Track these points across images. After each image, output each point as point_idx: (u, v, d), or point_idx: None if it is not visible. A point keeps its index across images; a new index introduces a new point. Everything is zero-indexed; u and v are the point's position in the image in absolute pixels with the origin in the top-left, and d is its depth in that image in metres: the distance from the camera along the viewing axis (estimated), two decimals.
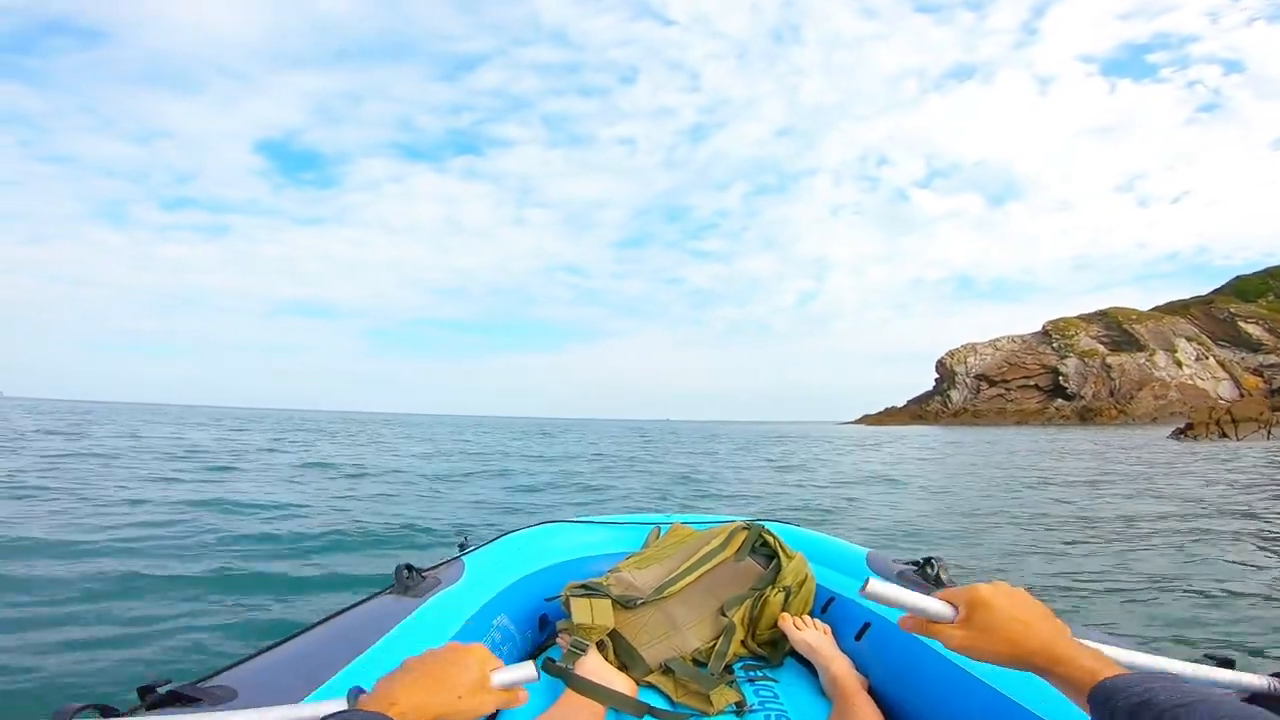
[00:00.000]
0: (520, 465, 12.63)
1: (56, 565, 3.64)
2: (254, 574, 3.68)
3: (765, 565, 1.64)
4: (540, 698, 1.25)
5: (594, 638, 1.39)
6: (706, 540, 1.70)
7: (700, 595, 1.58)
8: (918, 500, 8.29)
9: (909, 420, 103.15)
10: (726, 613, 1.54)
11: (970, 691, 1.05)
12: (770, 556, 1.66)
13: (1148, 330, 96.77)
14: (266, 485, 7.84)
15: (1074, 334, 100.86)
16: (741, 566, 1.63)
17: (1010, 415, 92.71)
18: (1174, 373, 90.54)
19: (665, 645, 1.46)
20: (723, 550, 1.65)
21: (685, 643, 1.48)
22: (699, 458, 16.64)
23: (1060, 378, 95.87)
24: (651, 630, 1.48)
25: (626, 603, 1.50)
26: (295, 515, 5.66)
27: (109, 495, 6.35)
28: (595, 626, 1.40)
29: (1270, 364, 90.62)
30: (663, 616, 1.52)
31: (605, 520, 2.09)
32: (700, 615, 1.55)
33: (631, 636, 1.45)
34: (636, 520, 2.07)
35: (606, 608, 1.45)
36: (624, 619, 1.47)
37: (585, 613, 1.43)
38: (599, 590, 1.51)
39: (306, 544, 4.48)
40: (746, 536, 1.69)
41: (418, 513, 6.19)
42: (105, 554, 3.95)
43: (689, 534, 1.79)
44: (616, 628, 1.44)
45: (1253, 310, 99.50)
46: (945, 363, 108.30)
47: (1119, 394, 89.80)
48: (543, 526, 1.99)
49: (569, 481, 9.99)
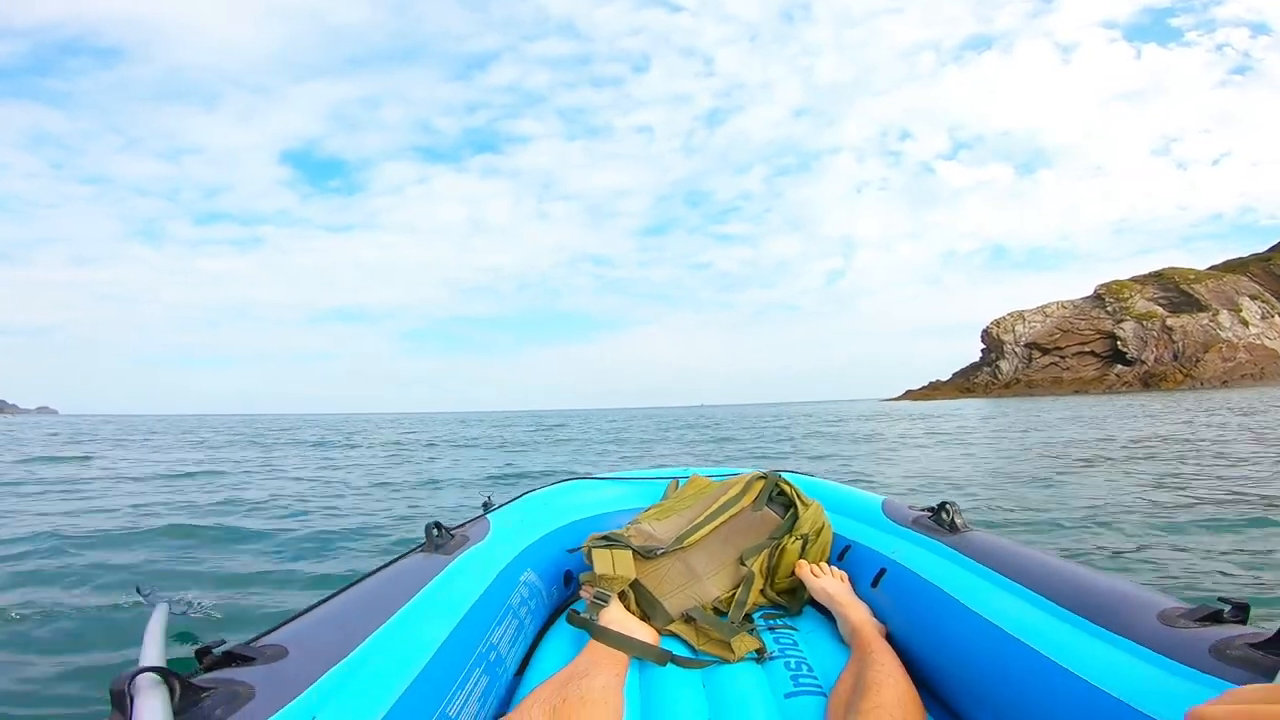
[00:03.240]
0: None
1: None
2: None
3: (782, 514, 1.65)
4: (566, 650, 1.28)
5: (616, 588, 1.41)
6: (724, 490, 1.71)
7: (719, 545, 1.60)
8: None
9: (956, 394, 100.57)
10: (745, 561, 1.55)
11: (986, 635, 1.05)
12: (787, 505, 1.67)
13: (1208, 290, 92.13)
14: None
15: (1129, 297, 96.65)
16: (759, 515, 1.65)
17: (1067, 384, 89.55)
18: (1240, 333, 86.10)
19: (686, 595, 1.48)
20: (740, 499, 1.67)
21: (705, 592, 1.49)
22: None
23: (1118, 342, 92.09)
24: (672, 580, 1.50)
25: (647, 553, 1.51)
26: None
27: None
28: (617, 577, 1.42)
29: None
30: (683, 566, 1.53)
31: (625, 476, 2.12)
32: (719, 564, 1.56)
33: (653, 586, 1.47)
34: (655, 475, 2.10)
35: (628, 558, 1.47)
36: (645, 569, 1.49)
37: (607, 564, 1.44)
38: (620, 541, 1.53)
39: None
40: (764, 486, 1.70)
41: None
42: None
43: (706, 484, 1.80)
44: (638, 578, 1.46)
45: None
46: (992, 332, 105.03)
47: (1183, 357, 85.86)
48: (564, 484, 2.03)
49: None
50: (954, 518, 1.38)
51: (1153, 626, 0.81)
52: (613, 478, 2.10)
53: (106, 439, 19.17)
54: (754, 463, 11.38)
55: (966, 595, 1.15)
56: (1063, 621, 0.94)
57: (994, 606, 1.08)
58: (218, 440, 17.78)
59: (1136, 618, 0.84)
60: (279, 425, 36.88)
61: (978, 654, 1.05)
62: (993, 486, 6.03)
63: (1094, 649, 0.86)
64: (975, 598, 1.13)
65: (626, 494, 2.01)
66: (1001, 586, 1.11)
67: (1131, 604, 0.88)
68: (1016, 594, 1.07)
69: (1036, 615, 0.99)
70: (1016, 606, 1.04)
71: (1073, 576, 1.02)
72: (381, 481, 7.59)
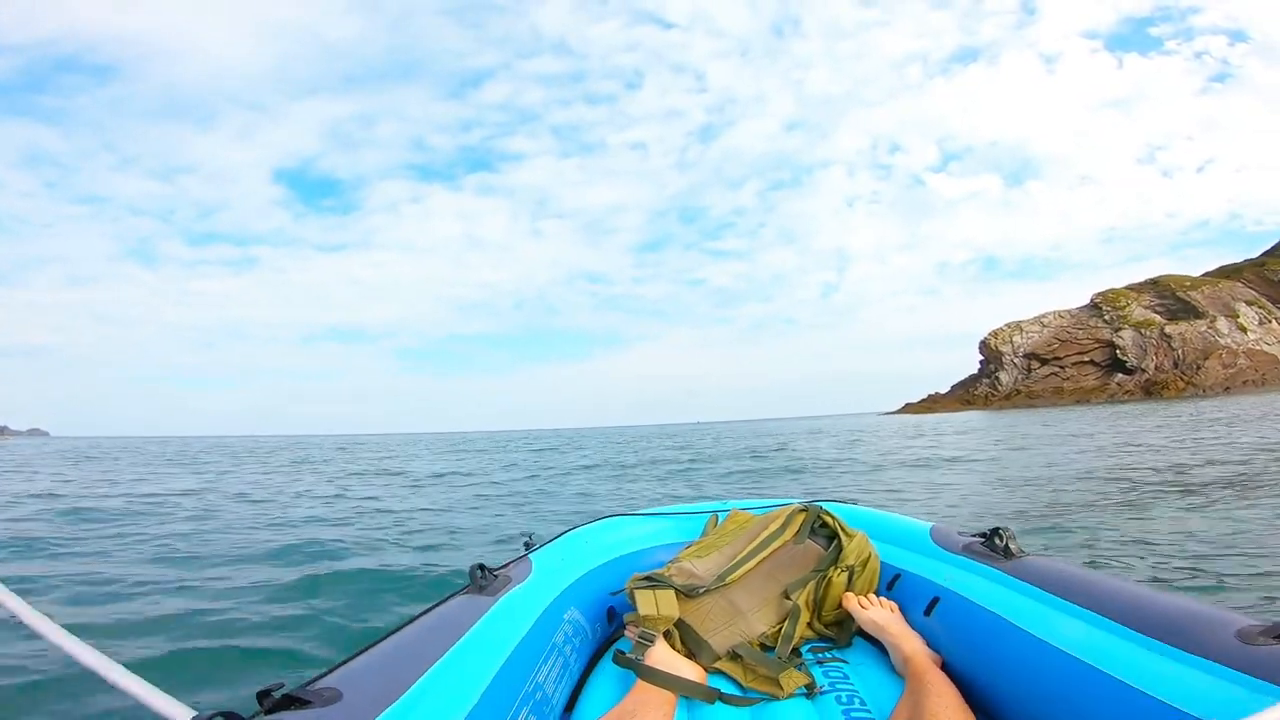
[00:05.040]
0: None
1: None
2: None
3: (826, 546, 1.63)
4: (613, 690, 1.27)
5: (660, 628, 1.40)
6: (765, 525, 1.70)
7: (762, 580, 1.58)
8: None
9: (957, 406, 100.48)
10: (790, 596, 1.54)
11: (1049, 660, 1.02)
12: (830, 537, 1.65)
13: (1204, 296, 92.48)
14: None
15: (1125, 305, 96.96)
16: (802, 548, 1.63)
17: (1068, 394, 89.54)
18: (1239, 339, 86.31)
19: (731, 631, 1.46)
20: (782, 533, 1.65)
21: (751, 628, 1.48)
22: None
23: (1117, 351, 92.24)
24: (716, 617, 1.48)
25: (690, 591, 1.50)
26: None
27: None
28: (661, 617, 1.41)
29: None
30: (726, 603, 1.52)
31: (663, 511, 2.11)
32: (764, 600, 1.54)
33: (697, 625, 1.45)
34: (694, 510, 2.08)
35: (671, 598, 1.46)
36: (688, 608, 1.48)
37: (650, 604, 1.44)
38: (662, 581, 1.52)
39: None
40: (805, 518, 1.69)
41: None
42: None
43: (747, 519, 1.79)
44: (682, 617, 1.45)
45: None
46: (989, 343, 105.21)
47: (1184, 364, 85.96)
48: (603, 521, 2.02)
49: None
50: (1008, 543, 1.35)
51: (1231, 645, 0.79)
52: (652, 513, 2.09)
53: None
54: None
55: (1026, 621, 1.12)
56: (1133, 643, 0.91)
57: (1057, 631, 1.05)
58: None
59: (1212, 636, 0.82)
60: (266, 449, 36.30)
61: (1041, 680, 1.02)
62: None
63: (1169, 669, 0.83)
64: (1036, 623, 1.10)
65: (666, 529, 2.00)
66: (1064, 611, 1.08)
67: (1205, 622, 0.85)
68: (1081, 617, 1.04)
69: (1103, 638, 0.96)
70: (1081, 630, 1.01)
71: (1140, 598, 1.00)
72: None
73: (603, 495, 9.25)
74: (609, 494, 9.41)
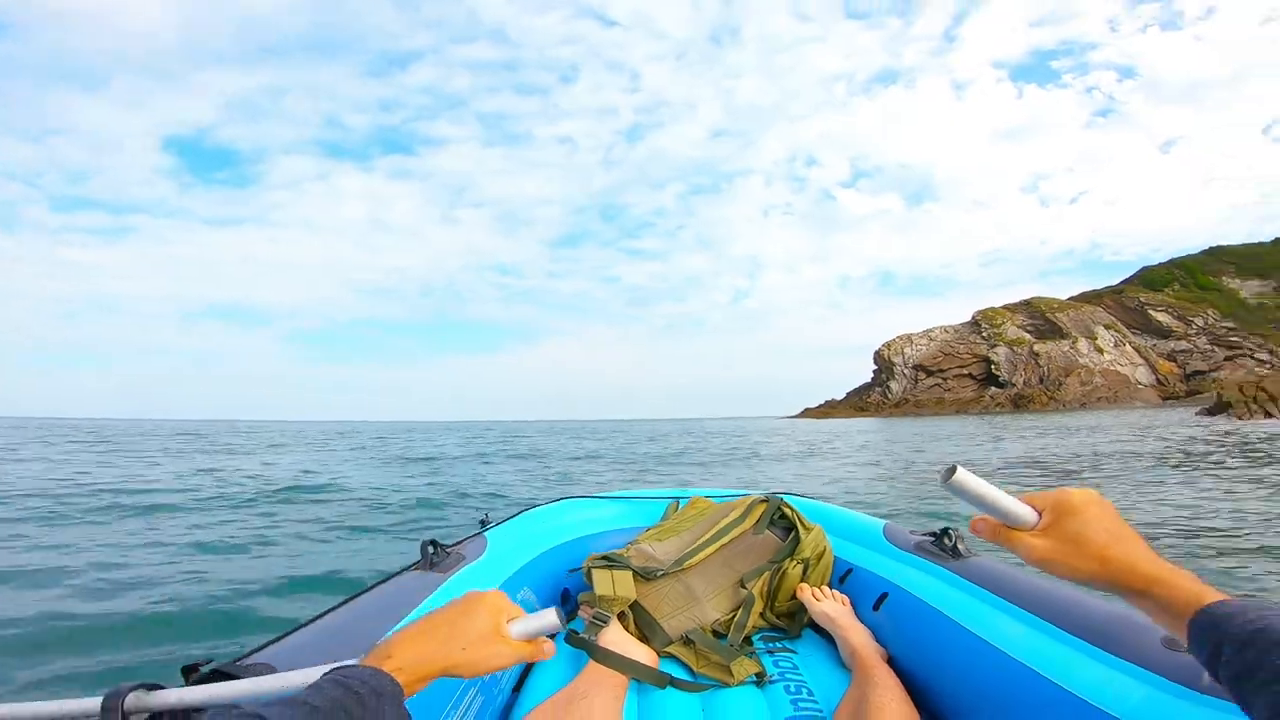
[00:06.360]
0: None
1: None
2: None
3: (784, 537, 1.65)
4: (564, 670, 1.25)
5: (615, 609, 1.39)
6: (725, 513, 1.71)
7: (719, 567, 1.58)
8: None
9: (850, 413, 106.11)
10: (746, 584, 1.55)
11: (988, 658, 1.06)
12: (789, 529, 1.67)
13: (1069, 319, 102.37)
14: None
15: (1001, 323, 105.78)
16: (760, 539, 1.64)
17: (949, 405, 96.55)
18: (1096, 359, 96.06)
19: (685, 617, 1.46)
20: (741, 522, 1.66)
21: (705, 614, 1.48)
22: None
23: (992, 366, 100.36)
24: (672, 602, 1.48)
25: (647, 574, 1.50)
26: None
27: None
28: (617, 598, 1.41)
29: (1182, 349, 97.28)
30: (683, 588, 1.51)
31: (624, 495, 2.10)
32: (719, 587, 1.54)
33: (652, 608, 1.45)
34: (655, 495, 2.08)
35: (628, 579, 1.46)
36: (644, 590, 1.48)
37: (607, 584, 1.43)
38: (620, 562, 1.51)
39: None
40: (765, 509, 1.71)
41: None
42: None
43: (707, 506, 1.80)
44: (638, 599, 1.44)
45: (1161, 299, 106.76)
46: (883, 354, 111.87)
47: (1048, 381, 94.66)
48: (562, 502, 2.00)
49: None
50: (956, 543, 1.40)
51: (1156, 650, 0.83)
52: (612, 496, 2.08)
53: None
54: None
55: (969, 620, 1.16)
56: (1066, 645, 0.95)
57: (997, 631, 1.09)
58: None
59: (1139, 642, 0.86)
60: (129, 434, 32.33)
61: (980, 677, 1.06)
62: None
63: (1097, 672, 0.87)
64: (978, 622, 1.14)
65: (625, 513, 2.00)
66: (1005, 611, 1.12)
67: (1134, 628, 0.89)
68: (1019, 619, 1.08)
69: (1039, 639, 1.01)
70: (1019, 631, 1.05)
71: (1075, 603, 1.04)
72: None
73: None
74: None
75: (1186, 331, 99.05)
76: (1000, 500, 0.65)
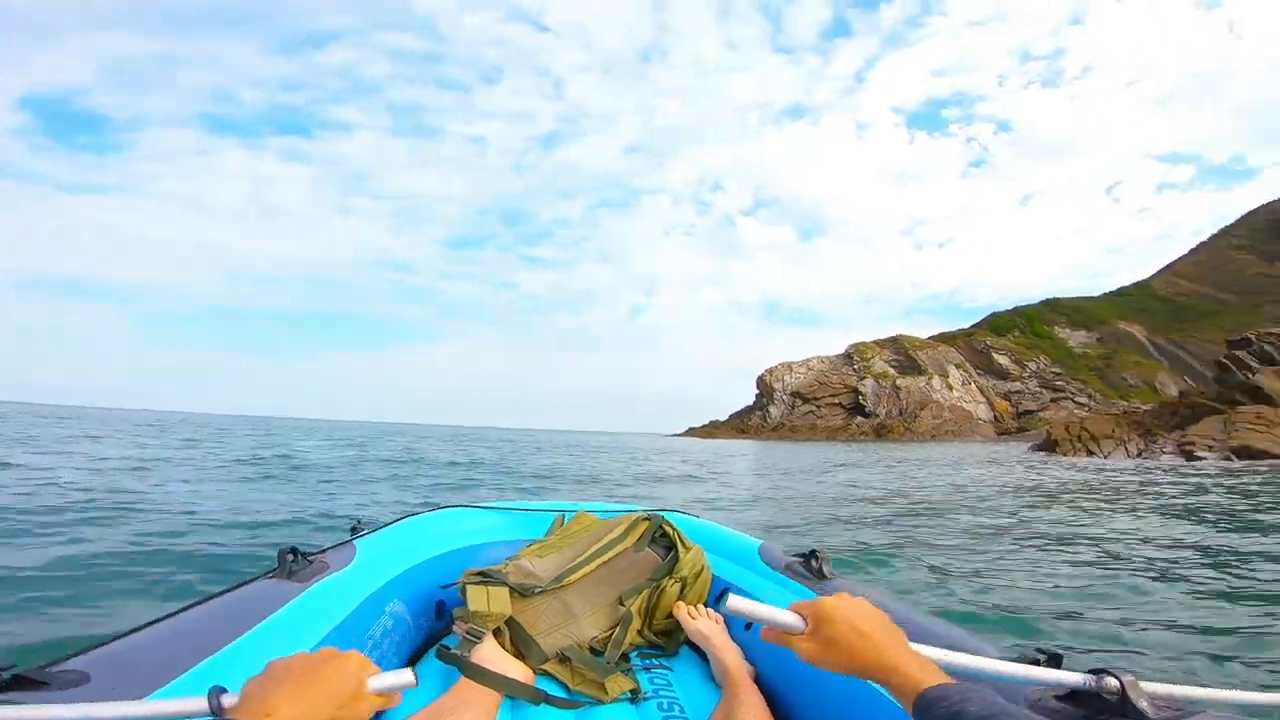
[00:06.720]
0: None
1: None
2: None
3: (664, 556, 1.67)
4: (434, 687, 1.22)
5: (490, 626, 1.37)
6: (608, 529, 1.71)
7: (599, 585, 1.59)
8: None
9: (732, 434, 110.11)
10: (624, 602, 1.56)
11: (846, 683, 1.11)
12: (669, 547, 1.70)
13: (927, 357, 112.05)
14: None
15: (870, 357, 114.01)
16: (641, 557, 1.66)
17: (820, 431, 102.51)
18: (947, 395, 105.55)
19: (562, 634, 1.46)
20: (623, 540, 1.68)
21: (582, 631, 1.48)
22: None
23: (860, 397, 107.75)
24: (549, 619, 1.48)
25: (524, 591, 1.48)
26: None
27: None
28: (492, 615, 1.38)
29: (1016, 390, 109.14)
30: (560, 605, 1.51)
31: (508, 505, 2.04)
32: (598, 604, 1.56)
33: (529, 625, 1.44)
34: (540, 507, 2.04)
35: (504, 596, 1.43)
36: (521, 607, 1.46)
37: (482, 601, 1.40)
38: (496, 578, 1.48)
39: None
40: (647, 527, 1.72)
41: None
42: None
43: (592, 522, 1.80)
44: (514, 616, 1.42)
45: (1003, 343, 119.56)
46: (765, 379, 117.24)
47: (906, 413, 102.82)
48: (442, 511, 1.92)
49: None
50: (822, 565, 1.48)
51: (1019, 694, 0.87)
52: (496, 507, 2.01)
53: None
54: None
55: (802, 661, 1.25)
56: None
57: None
58: None
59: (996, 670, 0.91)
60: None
61: (837, 695, 1.13)
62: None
63: None
64: None
65: (508, 524, 1.94)
66: None
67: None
68: None
69: None
70: None
71: (922, 625, 1.13)
72: None
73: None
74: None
75: (1021, 374, 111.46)
76: (772, 616, 0.79)
